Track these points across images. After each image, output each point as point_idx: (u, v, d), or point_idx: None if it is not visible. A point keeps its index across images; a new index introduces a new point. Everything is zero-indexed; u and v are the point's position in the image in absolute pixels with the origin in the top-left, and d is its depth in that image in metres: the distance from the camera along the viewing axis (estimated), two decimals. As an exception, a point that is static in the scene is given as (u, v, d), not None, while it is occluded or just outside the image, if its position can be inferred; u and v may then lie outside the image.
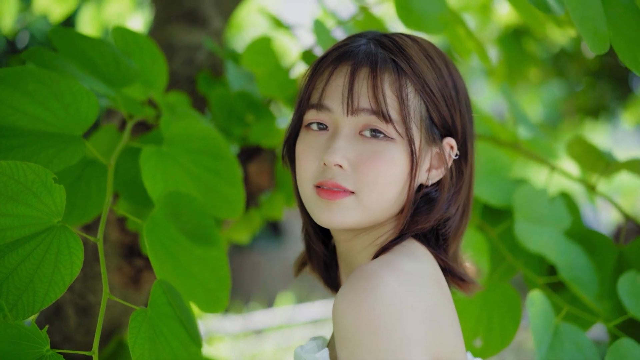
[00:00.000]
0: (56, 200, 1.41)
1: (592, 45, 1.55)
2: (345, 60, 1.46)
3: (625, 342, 1.83)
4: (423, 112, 1.44)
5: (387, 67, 1.43)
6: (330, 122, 1.46)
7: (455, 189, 1.52)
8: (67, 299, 2.21)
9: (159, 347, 1.46)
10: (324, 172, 1.43)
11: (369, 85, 1.41)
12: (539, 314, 1.84)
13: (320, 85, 1.48)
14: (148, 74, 1.98)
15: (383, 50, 1.45)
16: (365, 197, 1.41)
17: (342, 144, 1.41)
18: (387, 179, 1.40)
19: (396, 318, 1.25)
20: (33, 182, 1.39)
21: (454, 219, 1.53)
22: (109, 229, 2.17)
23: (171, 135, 1.77)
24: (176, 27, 2.46)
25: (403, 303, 1.26)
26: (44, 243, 1.40)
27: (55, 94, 1.58)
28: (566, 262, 2.06)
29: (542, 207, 2.15)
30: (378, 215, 1.45)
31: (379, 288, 1.26)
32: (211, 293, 1.72)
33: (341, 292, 1.28)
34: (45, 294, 1.38)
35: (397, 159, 1.41)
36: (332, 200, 1.42)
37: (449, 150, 1.49)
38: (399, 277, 1.30)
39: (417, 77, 1.43)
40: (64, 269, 1.40)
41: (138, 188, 1.78)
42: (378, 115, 1.40)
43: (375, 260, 1.36)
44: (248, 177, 2.27)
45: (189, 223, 1.71)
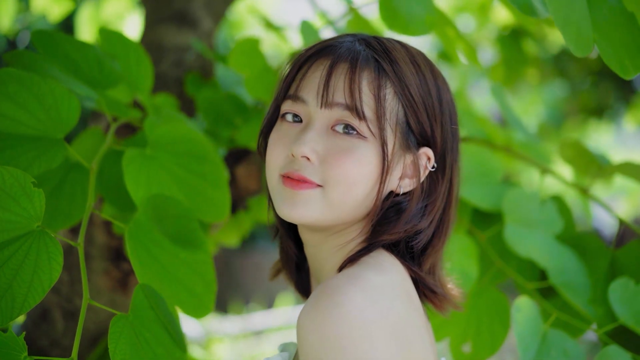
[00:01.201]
0: (35, 205, 1.40)
1: (574, 48, 1.53)
2: (326, 54, 1.45)
3: (612, 350, 1.81)
4: (400, 116, 1.42)
5: (368, 65, 1.42)
6: (304, 114, 1.45)
7: (429, 202, 1.49)
8: (54, 303, 2.19)
9: (142, 352, 1.44)
10: (292, 162, 1.42)
11: (346, 80, 1.40)
12: (526, 321, 1.82)
13: (298, 77, 1.47)
14: (133, 75, 1.97)
15: (367, 48, 1.44)
16: (331, 191, 1.40)
17: (312, 137, 1.40)
18: (354, 176, 1.39)
19: (363, 335, 1.22)
20: (12, 187, 1.38)
21: (426, 232, 1.49)
22: (95, 232, 2.15)
23: (155, 138, 1.76)
24: (165, 28, 2.45)
25: (369, 319, 1.24)
26: (23, 248, 1.39)
27: (36, 96, 1.57)
28: (557, 267, 2.04)
29: (533, 210, 2.13)
30: (343, 213, 1.43)
31: (344, 305, 1.23)
32: (197, 297, 1.71)
33: (305, 309, 1.26)
34: (24, 300, 1.37)
35: (367, 158, 1.39)
36: (296, 190, 1.41)
37: (425, 161, 1.47)
38: (364, 292, 1.27)
39: (398, 80, 1.42)
40: (43, 274, 1.39)
41: (123, 192, 1.76)
42: (352, 111, 1.38)
43: (340, 275, 1.33)
44: (236, 180, 2.26)
45: (173, 226, 1.69)
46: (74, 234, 2.11)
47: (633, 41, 1.61)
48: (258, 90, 2.09)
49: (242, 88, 2.31)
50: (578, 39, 1.53)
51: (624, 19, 1.63)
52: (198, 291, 1.71)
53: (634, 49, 1.61)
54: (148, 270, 1.60)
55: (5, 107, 1.54)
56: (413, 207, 1.47)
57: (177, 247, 1.70)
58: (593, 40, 1.56)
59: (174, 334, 1.54)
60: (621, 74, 1.60)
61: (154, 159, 1.74)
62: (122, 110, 1.87)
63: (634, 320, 1.89)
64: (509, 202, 2.09)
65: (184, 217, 1.71)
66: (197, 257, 1.73)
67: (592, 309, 2.01)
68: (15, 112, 1.56)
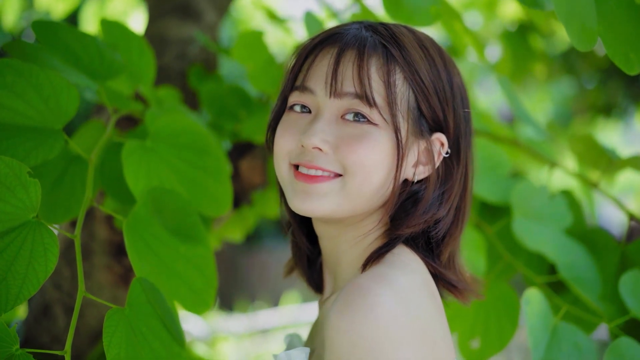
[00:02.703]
0: (31, 195, 1.39)
1: (577, 42, 1.51)
2: (332, 42, 1.43)
3: (624, 341, 1.80)
4: (411, 101, 1.40)
5: (376, 51, 1.39)
6: (313, 104, 1.42)
7: (445, 188, 1.47)
8: (55, 299, 2.18)
9: (138, 347, 1.42)
10: (303, 154, 1.40)
11: (354, 67, 1.38)
12: (536, 313, 1.80)
13: (305, 67, 1.45)
14: (135, 67, 1.96)
15: (374, 34, 1.42)
16: (350, 180, 1.38)
17: (321, 127, 1.38)
18: (370, 163, 1.37)
19: (395, 339, 1.23)
20: (7, 177, 1.37)
21: (445, 221, 1.47)
22: (97, 227, 2.14)
23: (156, 130, 1.74)
24: (169, 21, 2.44)
25: (401, 323, 1.24)
26: (18, 239, 1.38)
27: (34, 87, 1.55)
28: (567, 261, 2.03)
29: (542, 204, 2.11)
30: (359, 204, 1.41)
31: (377, 309, 1.23)
32: (196, 293, 1.69)
33: (336, 310, 1.25)
34: (19, 291, 1.36)
35: (380, 145, 1.37)
36: (310, 184, 1.39)
37: (439, 147, 1.44)
38: (395, 295, 1.26)
39: (407, 65, 1.40)
40: (38, 265, 1.38)
41: (124, 185, 1.73)
42: (362, 99, 1.36)
43: (369, 275, 1.31)
44: (240, 174, 2.25)
45: (173, 220, 1.68)
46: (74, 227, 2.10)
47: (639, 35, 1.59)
48: (262, 83, 2.07)
49: (246, 81, 2.29)
50: (581, 32, 1.51)
51: (631, 12, 1.59)
52: (197, 286, 1.70)
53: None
54: (147, 264, 1.58)
55: (3, 97, 1.53)
56: (430, 195, 1.44)
57: (176, 241, 1.68)
58: (597, 33, 1.53)
59: (172, 329, 1.52)
60: (625, 68, 1.57)
61: (155, 151, 1.73)
62: (123, 102, 1.86)
63: (643, 312, 1.89)
64: (517, 196, 2.08)
65: (184, 211, 1.70)
66: (197, 251, 1.71)
67: (603, 304, 1.99)
68: (13, 102, 1.54)
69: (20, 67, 1.54)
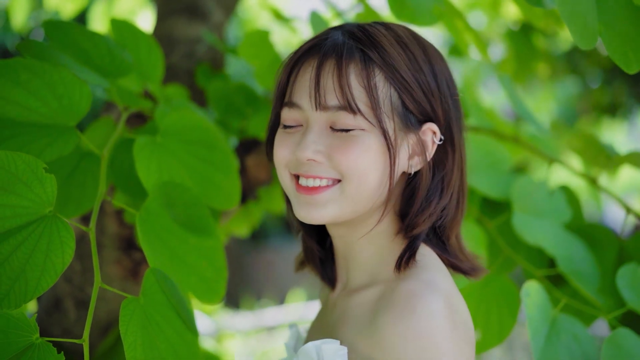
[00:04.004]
0: (47, 190, 1.42)
1: (579, 40, 1.54)
2: (312, 54, 1.47)
3: (622, 332, 1.83)
4: (395, 99, 1.43)
5: (353, 57, 1.43)
6: (302, 118, 1.47)
7: (442, 174, 1.51)
8: (66, 292, 2.22)
9: (153, 335, 1.46)
10: (300, 165, 1.46)
11: (334, 78, 1.41)
12: (536, 305, 1.83)
13: (290, 82, 1.50)
14: (144, 65, 2.00)
15: (351, 40, 1.45)
16: (347, 185, 1.43)
17: (312, 139, 1.43)
18: (363, 166, 1.41)
19: (453, 345, 1.32)
20: (24, 172, 1.40)
21: (450, 207, 1.52)
22: (107, 221, 2.17)
23: (166, 126, 1.78)
24: (176, 21, 2.47)
25: (453, 329, 1.34)
26: (36, 232, 1.40)
27: (47, 85, 1.58)
28: (565, 255, 2.06)
29: (541, 199, 2.15)
30: (360, 205, 1.46)
31: (437, 315, 1.32)
32: (207, 283, 1.73)
33: (390, 317, 1.34)
34: (37, 283, 1.38)
35: (370, 147, 1.41)
36: (312, 195, 1.45)
37: (432, 136, 1.48)
38: (445, 301, 1.36)
39: (386, 65, 1.43)
40: (55, 257, 1.40)
41: (134, 180, 1.78)
42: (346, 109, 1.40)
43: (415, 281, 1.39)
44: (246, 170, 2.28)
45: (184, 213, 1.71)
46: (85, 222, 2.14)
47: (639, 34, 1.61)
48: (268, 81, 2.10)
49: (253, 79, 2.33)
50: (583, 31, 1.53)
51: (631, 12, 1.63)
52: (208, 277, 1.73)
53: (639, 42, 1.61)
54: (159, 255, 1.61)
55: (18, 95, 1.56)
56: (426, 184, 1.49)
57: (187, 233, 1.72)
58: (598, 32, 1.56)
59: (185, 317, 1.55)
60: (624, 67, 1.60)
61: (165, 146, 1.76)
62: (133, 99, 1.89)
63: (640, 305, 1.92)
64: (517, 191, 2.11)
65: (194, 204, 1.73)
66: (207, 243, 1.75)
67: (602, 297, 2.03)
68: (28, 100, 1.57)
69: (34, 66, 1.57)
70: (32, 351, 1.32)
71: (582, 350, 1.86)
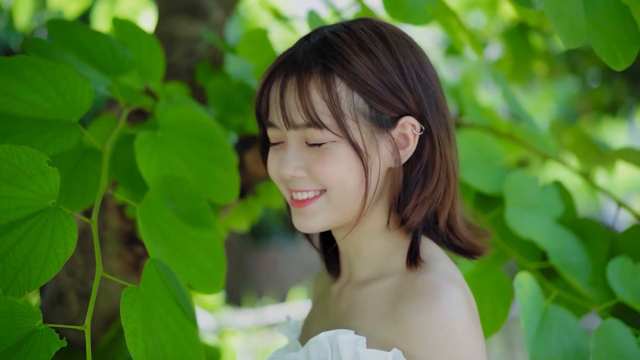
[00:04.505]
0: (50, 183, 1.46)
1: (566, 40, 1.56)
2: (278, 73, 1.51)
3: (611, 323, 1.86)
4: (361, 105, 1.46)
5: (313, 72, 1.45)
6: (282, 136, 1.52)
7: (422, 164, 1.53)
8: (69, 285, 2.25)
9: (153, 323, 1.49)
10: (287, 181, 1.53)
11: (296, 97, 1.45)
12: (528, 296, 1.87)
13: (263, 101, 1.55)
14: (145, 63, 2.03)
15: (312, 54, 1.48)
16: (330, 195, 1.49)
17: (291, 156, 1.49)
18: (340, 176, 1.46)
19: (473, 332, 1.41)
20: (27, 165, 1.43)
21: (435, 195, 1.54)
22: (109, 216, 2.21)
23: (166, 122, 1.82)
24: (177, 20, 2.50)
25: (471, 317, 1.42)
26: (39, 224, 1.44)
27: (51, 82, 1.62)
28: (557, 249, 2.09)
29: (534, 194, 2.18)
30: (349, 211, 1.51)
31: (460, 305, 1.40)
32: (207, 274, 1.77)
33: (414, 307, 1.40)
34: (41, 273, 1.42)
35: (343, 156, 1.45)
36: (302, 207, 1.51)
37: (411, 128, 1.50)
38: (462, 292, 1.42)
39: (346, 72, 1.45)
40: (58, 248, 1.44)
41: (135, 175, 1.82)
42: (311, 126, 1.44)
43: (434, 273, 1.45)
44: (245, 166, 2.31)
45: (184, 206, 1.75)
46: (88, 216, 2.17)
47: (626, 33, 1.64)
48: (267, 79, 2.14)
49: (252, 78, 2.37)
50: (570, 30, 1.56)
51: (618, 11, 1.65)
52: (208, 268, 1.77)
53: (627, 41, 1.64)
54: (159, 246, 1.65)
55: (22, 92, 1.60)
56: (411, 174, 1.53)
57: (187, 225, 1.75)
58: (586, 31, 1.59)
59: (185, 307, 1.59)
60: (612, 64, 1.63)
61: (165, 141, 1.80)
62: (134, 96, 1.92)
63: (632, 297, 1.95)
64: (510, 186, 2.14)
65: (194, 197, 1.77)
66: (206, 236, 1.79)
67: (593, 290, 2.06)
68: (32, 96, 1.61)
69: (37, 63, 1.61)
70: (35, 336, 1.35)
71: (573, 340, 1.89)
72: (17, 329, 1.35)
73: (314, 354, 1.50)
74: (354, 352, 1.42)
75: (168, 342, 1.52)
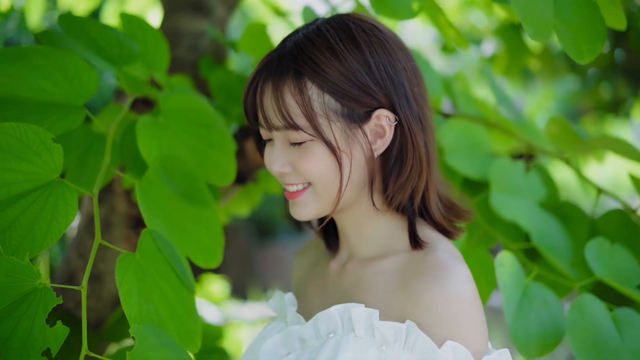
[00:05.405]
0: (55, 158, 1.55)
1: (533, 34, 1.63)
2: (257, 77, 1.62)
3: (587, 297, 1.93)
4: (333, 104, 1.56)
5: (286, 77, 1.56)
6: (269, 134, 1.65)
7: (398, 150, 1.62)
8: (79, 268, 2.36)
9: (148, 288, 1.58)
10: (278, 176, 1.66)
11: (273, 102, 1.57)
12: (509, 273, 1.95)
13: (249, 103, 1.67)
14: (151, 55, 2.12)
15: (285, 58, 1.58)
16: (315, 188, 1.61)
17: (277, 154, 1.62)
18: (320, 172, 1.58)
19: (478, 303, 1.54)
20: (34, 142, 1.52)
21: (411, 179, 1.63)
22: (117, 201, 2.30)
23: (167, 108, 1.91)
24: (182, 16, 2.59)
25: (475, 290, 1.54)
26: (44, 195, 1.53)
27: (59, 69, 1.74)
28: (539, 230, 2.18)
29: (517, 179, 2.26)
30: (335, 200, 1.62)
31: (468, 280, 1.53)
32: (206, 249, 1.87)
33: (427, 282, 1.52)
34: (43, 240, 1.51)
35: (320, 154, 1.57)
36: (294, 199, 1.64)
37: (386, 119, 1.59)
38: (467, 268, 1.55)
39: (316, 75, 1.54)
40: (60, 217, 1.53)
41: (141, 160, 1.91)
42: (288, 128, 1.56)
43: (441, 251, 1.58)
44: (245, 154, 2.39)
45: (183, 185, 1.84)
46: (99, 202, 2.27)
47: (593, 28, 1.71)
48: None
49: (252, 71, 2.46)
50: (537, 25, 1.63)
51: (585, 7, 1.72)
52: (206, 243, 1.87)
53: (593, 36, 1.70)
54: (158, 220, 1.74)
55: (33, 78, 1.72)
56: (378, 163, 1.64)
57: (186, 203, 1.85)
58: (553, 26, 1.66)
59: (181, 275, 1.68)
60: (576, 58, 1.70)
61: (166, 126, 1.89)
62: (139, 85, 2.01)
63: (609, 275, 2.03)
64: (495, 171, 2.23)
65: (192, 177, 1.87)
66: (204, 213, 1.89)
67: (575, 270, 2.14)
68: (41, 82, 1.73)
69: (47, 52, 1.73)
70: (35, 294, 1.44)
71: (551, 315, 1.97)
72: (19, 287, 1.43)
73: (323, 327, 1.62)
74: (368, 324, 1.54)
75: (163, 306, 1.60)
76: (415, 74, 1.65)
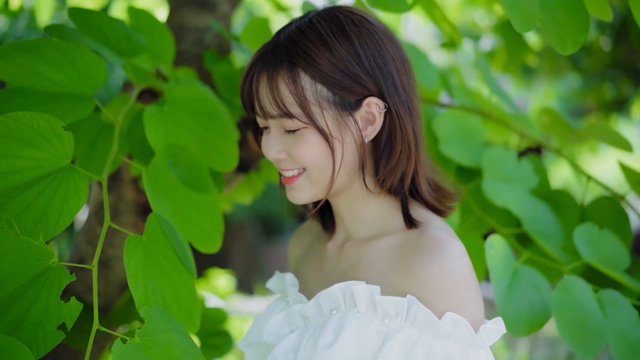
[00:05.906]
0: (65, 145, 1.61)
1: (518, 25, 1.67)
2: (253, 68, 1.69)
3: (573, 279, 2.01)
4: (325, 93, 1.63)
5: (280, 67, 1.63)
6: (265, 122, 1.72)
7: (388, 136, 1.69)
8: (89, 253, 2.43)
9: (154, 269, 1.65)
10: (274, 162, 1.74)
11: (268, 91, 1.65)
12: (499, 256, 2.02)
13: (245, 93, 1.74)
14: (157, 48, 2.20)
15: (279, 50, 1.65)
16: (309, 174, 1.69)
17: (273, 142, 1.70)
18: (314, 158, 1.66)
19: (474, 277, 1.61)
20: (45, 130, 1.59)
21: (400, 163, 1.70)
22: (125, 189, 2.37)
23: (173, 98, 1.97)
24: (187, 12, 2.66)
25: (471, 267, 1.62)
26: (56, 181, 1.60)
27: (69, 60, 1.81)
28: (530, 216, 2.25)
29: (510, 167, 2.33)
30: (329, 185, 1.70)
31: (463, 255, 1.60)
32: (206, 234, 1.93)
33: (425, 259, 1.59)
34: (56, 223, 1.58)
35: (313, 141, 1.65)
36: (289, 184, 1.72)
37: (376, 107, 1.67)
38: (462, 244, 1.63)
39: (309, 65, 1.61)
40: (71, 202, 1.60)
41: (148, 149, 1.98)
42: (282, 117, 1.64)
43: (437, 229, 1.65)
44: (248, 143, 2.45)
45: (187, 173, 1.91)
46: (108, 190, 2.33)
47: (577, 20, 1.75)
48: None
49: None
50: (523, 17, 1.67)
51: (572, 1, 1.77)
52: (207, 229, 1.94)
53: (577, 28, 1.75)
54: (163, 205, 1.80)
55: (44, 69, 1.79)
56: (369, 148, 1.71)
57: (189, 190, 1.92)
58: (538, 18, 1.70)
59: (183, 258, 1.75)
60: (560, 49, 1.75)
61: (171, 115, 1.96)
62: (145, 76, 2.09)
63: (597, 259, 2.10)
64: (487, 159, 2.30)
65: (196, 165, 1.93)
66: (206, 200, 1.96)
67: (565, 255, 2.21)
68: (52, 74, 1.80)
69: (58, 45, 1.80)
70: (48, 273, 1.50)
71: (540, 296, 2.04)
72: (33, 266, 1.49)
73: (325, 305, 1.69)
74: (369, 300, 1.61)
75: (167, 287, 1.67)
76: (403, 63, 1.72)
